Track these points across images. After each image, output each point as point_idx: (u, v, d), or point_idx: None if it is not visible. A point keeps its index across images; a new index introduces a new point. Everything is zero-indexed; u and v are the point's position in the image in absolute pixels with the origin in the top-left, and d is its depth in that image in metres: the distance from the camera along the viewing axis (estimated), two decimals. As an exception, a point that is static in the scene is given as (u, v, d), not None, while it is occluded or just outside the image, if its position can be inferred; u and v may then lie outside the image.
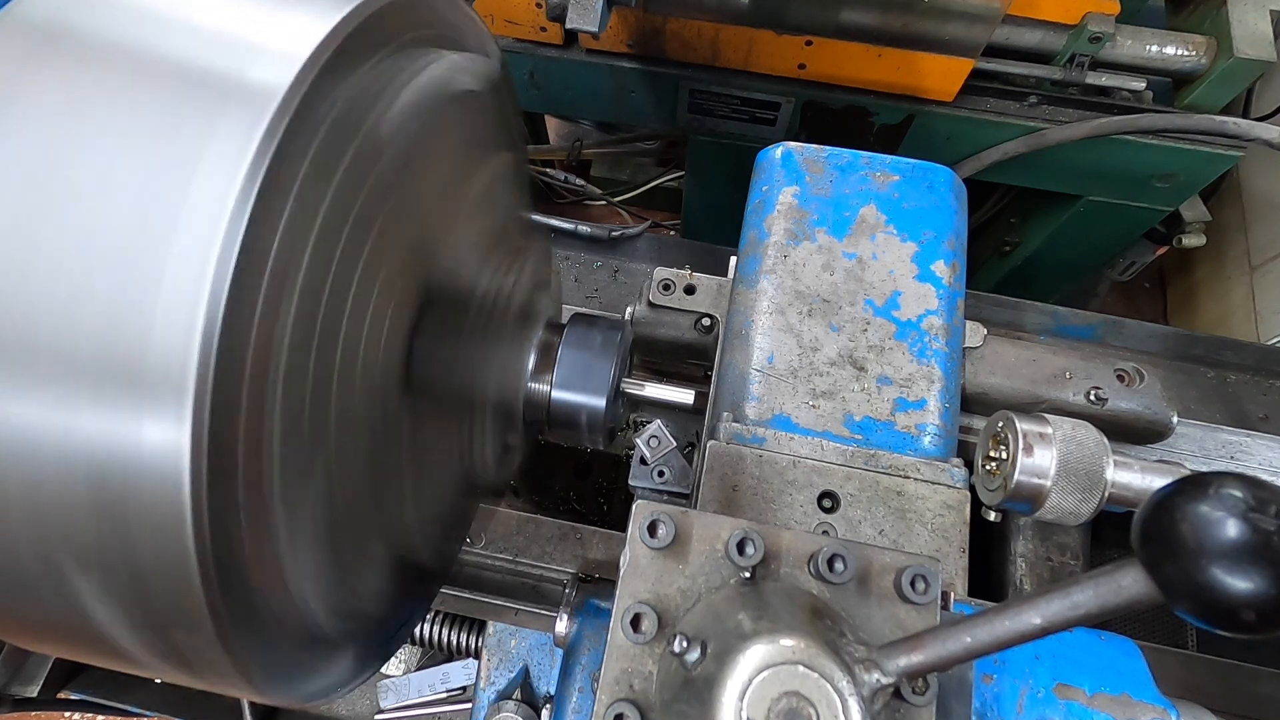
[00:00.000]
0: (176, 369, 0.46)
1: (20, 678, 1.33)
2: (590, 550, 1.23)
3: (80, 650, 0.62)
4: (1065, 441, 0.83)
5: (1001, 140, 1.99)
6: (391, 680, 1.38)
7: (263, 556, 0.56)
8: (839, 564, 0.61)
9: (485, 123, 0.85)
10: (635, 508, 0.64)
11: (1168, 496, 0.43)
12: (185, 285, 0.46)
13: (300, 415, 0.56)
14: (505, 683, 1.06)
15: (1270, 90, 2.21)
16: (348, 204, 0.58)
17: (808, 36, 1.82)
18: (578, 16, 1.48)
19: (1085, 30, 1.80)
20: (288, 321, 0.53)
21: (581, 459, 1.78)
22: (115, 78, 0.51)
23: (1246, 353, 1.50)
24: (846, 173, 1.10)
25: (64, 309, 0.47)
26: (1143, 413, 1.05)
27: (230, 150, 0.48)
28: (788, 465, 0.91)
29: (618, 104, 2.14)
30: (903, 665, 0.52)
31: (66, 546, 0.50)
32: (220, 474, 0.49)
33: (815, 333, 0.99)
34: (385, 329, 0.68)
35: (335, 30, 0.55)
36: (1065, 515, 0.84)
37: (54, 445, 0.47)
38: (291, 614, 0.61)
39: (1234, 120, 1.80)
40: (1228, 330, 2.72)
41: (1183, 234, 2.27)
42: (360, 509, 0.70)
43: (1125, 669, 0.77)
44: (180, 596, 0.50)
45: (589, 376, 1.01)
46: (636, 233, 1.66)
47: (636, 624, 0.60)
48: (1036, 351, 1.10)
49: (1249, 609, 0.39)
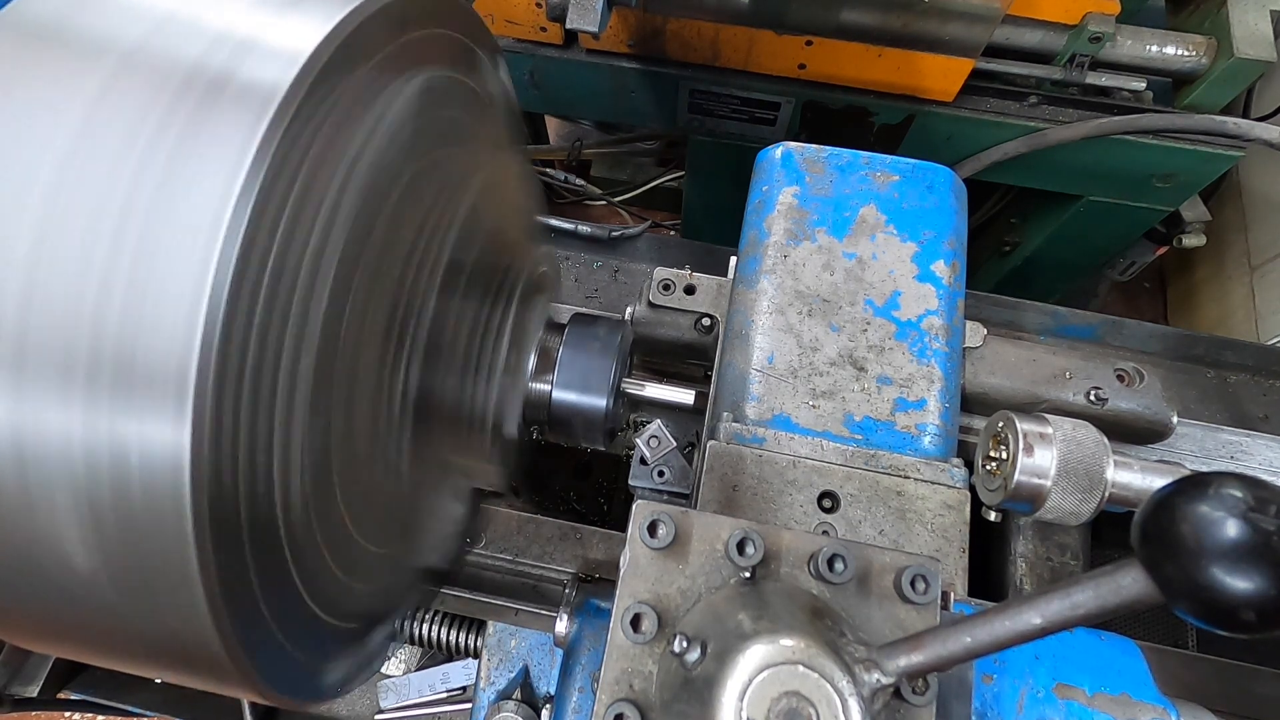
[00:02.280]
0: (176, 369, 0.46)
1: (20, 678, 1.33)
2: (590, 550, 1.23)
3: (82, 651, 0.62)
4: (1065, 441, 0.83)
5: (1002, 140, 1.99)
6: (391, 680, 1.38)
7: (264, 556, 0.56)
8: (839, 564, 0.61)
9: (486, 123, 0.85)
10: (635, 508, 0.64)
11: (1168, 496, 0.43)
12: (185, 286, 0.46)
13: (300, 415, 0.56)
14: (505, 683, 1.06)
15: (1270, 90, 2.21)
16: (348, 204, 0.58)
17: (808, 36, 1.82)
18: (578, 17, 1.48)
19: (1085, 30, 1.79)
20: (288, 323, 0.53)
21: (581, 459, 1.78)
22: (116, 78, 0.51)
23: (1246, 353, 1.50)
24: (846, 173, 1.10)
25: (63, 308, 0.47)
26: (1143, 413, 1.05)
27: (230, 151, 0.48)
28: (788, 465, 0.91)
29: (618, 104, 2.14)
30: (903, 665, 0.52)
31: (68, 547, 0.50)
32: (220, 473, 0.49)
33: (815, 333, 0.99)
34: (386, 329, 0.68)
35: (336, 30, 0.55)
36: (1065, 515, 0.84)
37: (55, 445, 0.47)
38: (292, 614, 0.61)
39: (1234, 120, 1.80)
40: (1228, 330, 2.72)
41: (1183, 234, 2.27)
42: (361, 509, 0.70)
43: (1125, 669, 0.77)
44: (181, 597, 0.50)
45: (589, 377, 1.01)
46: (636, 233, 1.66)
47: (636, 624, 0.60)
48: (1036, 351, 1.10)
49: (1249, 609, 0.39)
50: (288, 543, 0.58)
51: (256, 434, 0.52)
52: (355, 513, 0.69)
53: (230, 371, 0.48)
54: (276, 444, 0.54)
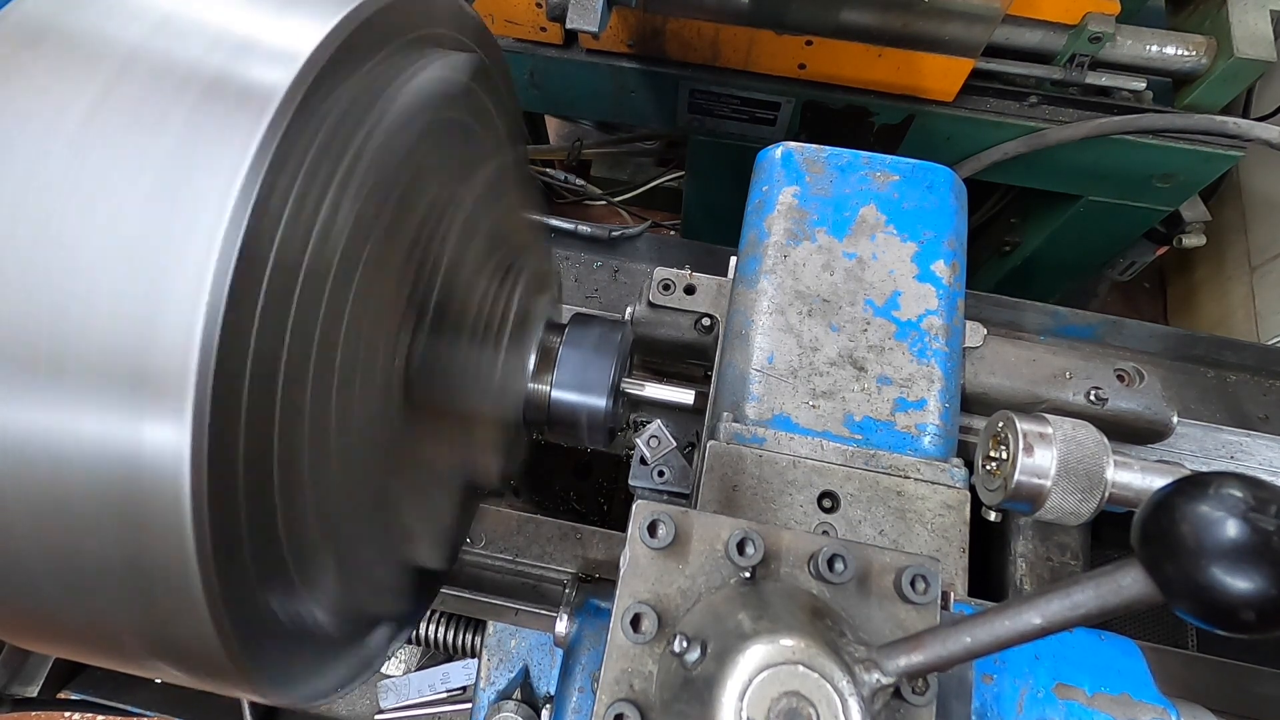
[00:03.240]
0: (177, 371, 0.46)
1: (20, 678, 1.33)
2: (590, 550, 1.23)
3: (83, 651, 0.62)
4: (1065, 441, 0.83)
5: (1002, 140, 1.99)
6: (391, 680, 1.38)
7: (264, 558, 0.56)
8: (839, 564, 0.61)
9: (485, 122, 0.85)
10: (635, 508, 0.64)
11: (1168, 496, 0.43)
12: (186, 287, 0.46)
13: (301, 418, 0.56)
14: (505, 683, 1.06)
15: (1270, 90, 2.21)
16: (348, 206, 0.58)
17: (808, 36, 1.82)
18: (578, 17, 1.48)
19: (1085, 30, 1.79)
20: (288, 324, 0.53)
21: (581, 459, 1.78)
22: (115, 80, 0.51)
23: (1246, 353, 1.50)
24: (846, 173, 1.10)
25: (63, 311, 0.47)
26: (1143, 413, 1.05)
27: (230, 152, 0.48)
28: (788, 465, 0.91)
29: (618, 104, 2.14)
30: (903, 665, 0.52)
31: (69, 548, 0.50)
32: (221, 477, 0.49)
33: (815, 333, 0.99)
34: (385, 331, 0.68)
35: (335, 31, 0.55)
36: (1065, 515, 0.84)
37: (55, 448, 0.47)
38: (293, 615, 0.61)
39: (1234, 120, 1.80)
40: (1228, 330, 2.72)
41: (1183, 234, 2.27)
42: (362, 511, 0.70)
43: (1125, 669, 0.77)
44: (182, 598, 0.50)
45: (589, 377, 1.01)
46: (636, 233, 1.66)
47: (636, 624, 0.60)
48: (1036, 351, 1.10)
49: (1249, 609, 0.39)
50: (288, 542, 0.58)
51: (258, 435, 0.52)
52: (356, 513, 0.69)
53: (231, 372, 0.48)
54: (278, 444, 0.54)
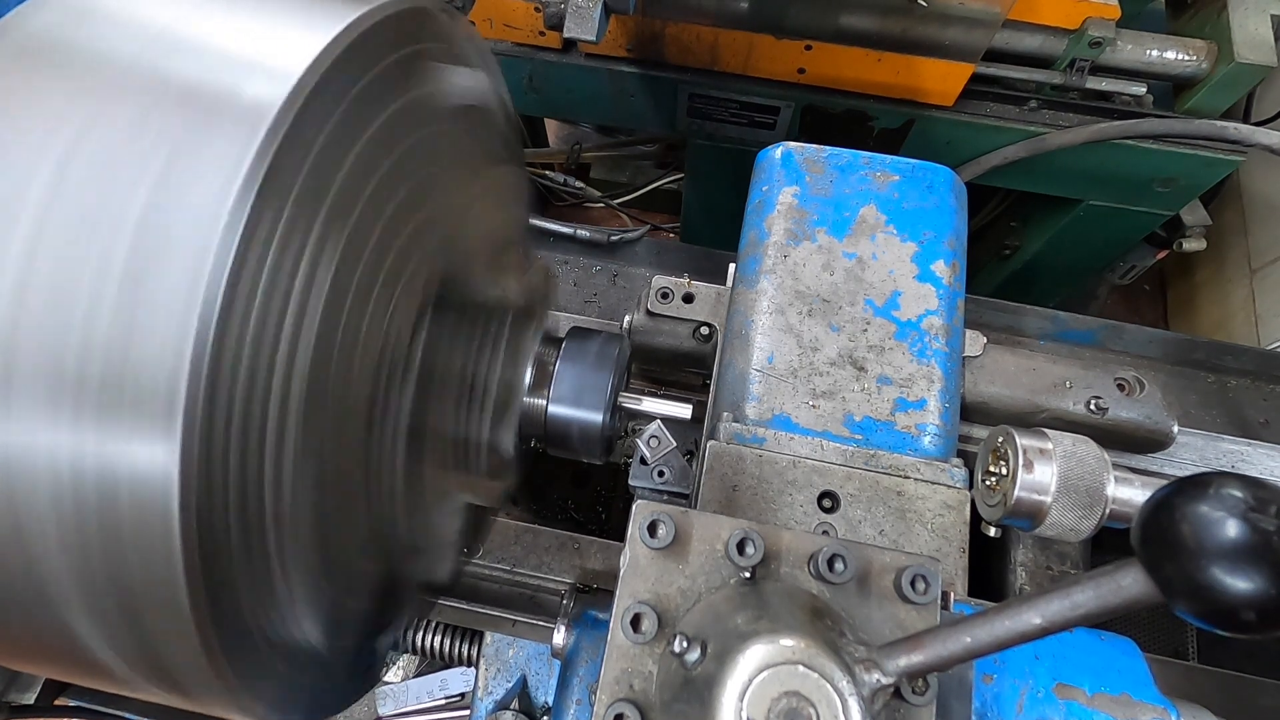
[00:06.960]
0: (165, 389, 0.45)
1: (17, 685, 1.33)
2: (588, 560, 1.23)
3: (71, 673, 0.61)
4: (1066, 458, 0.81)
5: (1002, 145, 1.99)
6: (390, 686, 1.37)
7: (254, 578, 0.55)
8: (839, 564, 0.61)
9: (481, 137, 0.85)
10: (635, 508, 0.64)
11: (1168, 496, 0.43)
12: (176, 305, 0.46)
13: (292, 436, 0.55)
14: (503, 692, 1.06)
15: (1271, 95, 2.21)
16: (341, 223, 0.57)
17: (807, 41, 1.82)
18: (575, 26, 1.46)
19: (1085, 35, 1.80)
20: (280, 343, 0.52)
21: (579, 467, 1.78)
22: (109, 94, 0.51)
23: (1247, 357, 1.50)
24: (846, 173, 1.10)
25: (52, 328, 0.46)
26: (1143, 422, 1.05)
27: (223, 168, 0.48)
28: (788, 465, 0.91)
29: (617, 108, 2.14)
30: (903, 665, 0.52)
31: (55, 568, 0.49)
32: (210, 495, 0.48)
33: (815, 333, 0.99)
34: (380, 348, 0.67)
35: (330, 47, 0.54)
36: (1065, 532, 0.82)
37: (42, 465, 0.47)
38: (285, 635, 0.60)
39: (1234, 125, 1.80)
40: (1228, 334, 2.72)
41: (1183, 238, 2.27)
42: (354, 528, 0.69)
43: (1125, 669, 0.76)
44: (170, 619, 0.50)
45: (586, 392, 1.00)
46: (636, 237, 1.66)
47: (636, 624, 0.60)
48: (1036, 360, 1.09)
49: (1249, 609, 0.39)
50: (278, 564, 0.57)
51: (247, 455, 0.51)
52: (348, 532, 0.68)
53: (221, 392, 0.47)
54: (268, 464, 0.53)
